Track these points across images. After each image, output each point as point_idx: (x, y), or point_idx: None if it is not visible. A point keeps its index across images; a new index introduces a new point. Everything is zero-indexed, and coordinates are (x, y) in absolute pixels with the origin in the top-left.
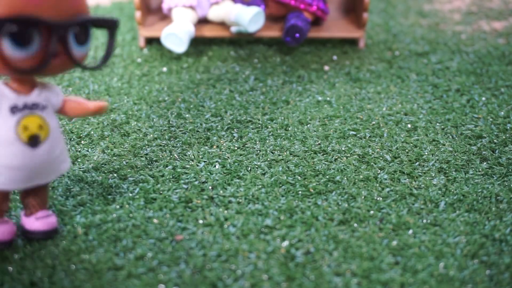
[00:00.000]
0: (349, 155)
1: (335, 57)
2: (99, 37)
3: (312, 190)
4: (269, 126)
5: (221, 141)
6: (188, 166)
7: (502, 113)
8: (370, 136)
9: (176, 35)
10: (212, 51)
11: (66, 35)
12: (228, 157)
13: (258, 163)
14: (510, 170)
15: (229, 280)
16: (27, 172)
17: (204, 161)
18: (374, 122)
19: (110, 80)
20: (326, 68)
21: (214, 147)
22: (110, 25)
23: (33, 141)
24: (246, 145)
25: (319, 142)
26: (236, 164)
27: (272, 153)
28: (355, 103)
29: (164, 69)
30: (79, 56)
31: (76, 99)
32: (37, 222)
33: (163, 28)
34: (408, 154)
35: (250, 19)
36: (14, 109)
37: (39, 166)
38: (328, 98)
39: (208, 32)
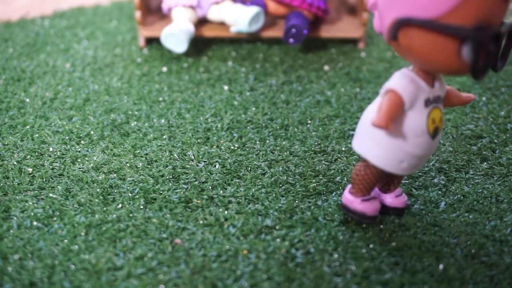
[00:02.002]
0: (349, 155)
1: (334, 56)
2: (99, 37)
3: (312, 191)
4: (269, 126)
5: (221, 141)
6: (188, 166)
7: (503, 113)
8: None
9: (176, 35)
10: (212, 51)
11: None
12: (228, 157)
13: (258, 163)
14: (510, 170)
15: (229, 281)
16: (424, 160)
17: (204, 161)
18: None
19: (110, 80)
20: (326, 68)
21: (214, 147)
22: None
23: (435, 132)
24: (246, 145)
25: (319, 142)
26: (236, 164)
27: (272, 153)
28: (355, 103)
29: (164, 69)
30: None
31: (452, 89)
32: (395, 199)
33: (163, 28)
34: None
35: (250, 19)
36: (427, 101)
37: (430, 154)
38: (328, 98)
39: (208, 32)
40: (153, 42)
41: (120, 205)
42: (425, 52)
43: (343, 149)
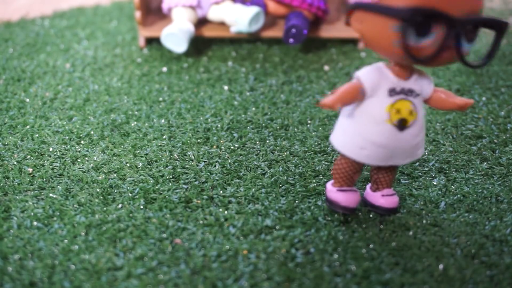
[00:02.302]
0: None
1: (334, 57)
2: (99, 37)
3: (312, 191)
4: (269, 126)
5: (221, 141)
6: (188, 166)
7: (503, 113)
8: None
9: (176, 35)
10: (212, 51)
11: (461, 32)
12: (228, 157)
13: (258, 163)
14: (510, 170)
15: (229, 281)
16: (389, 152)
17: (204, 161)
18: None
19: (110, 80)
20: (326, 68)
21: (214, 147)
22: (499, 27)
23: (401, 124)
24: (246, 145)
25: (319, 142)
26: (236, 164)
27: (272, 153)
28: None
29: (164, 69)
30: (465, 52)
31: (445, 91)
32: (382, 199)
33: (163, 28)
34: None
35: (250, 19)
36: (391, 91)
37: (400, 148)
38: None
39: (208, 32)
40: (153, 42)
41: (120, 205)
42: (370, 35)
43: None
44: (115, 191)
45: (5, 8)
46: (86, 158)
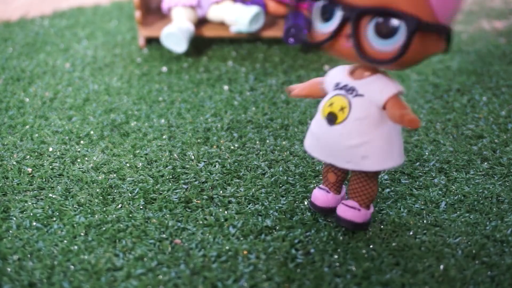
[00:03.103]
0: None
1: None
2: (99, 37)
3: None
4: (269, 126)
5: (221, 141)
6: (188, 166)
7: (503, 112)
8: None
9: (176, 35)
10: (212, 51)
11: (358, 21)
12: (228, 157)
13: (258, 163)
14: (511, 170)
15: (229, 281)
16: (322, 145)
17: (204, 161)
18: None
19: (110, 79)
20: (326, 68)
21: (214, 147)
22: (408, 23)
23: (329, 118)
24: (246, 145)
25: None
26: (236, 164)
27: (272, 153)
28: None
29: (164, 69)
30: (377, 49)
31: (401, 105)
32: (340, 206)
33: (163, 28)
34: (409, 154)
35: (250, 19)
36: (335, 86)
37: (331, 145)
38: None
39: (208, 32)
40: (153, 42)
41: (120, 205)
42: None
43: None
44: (115, 191)
45: (4, 8)
46: (86, 158)
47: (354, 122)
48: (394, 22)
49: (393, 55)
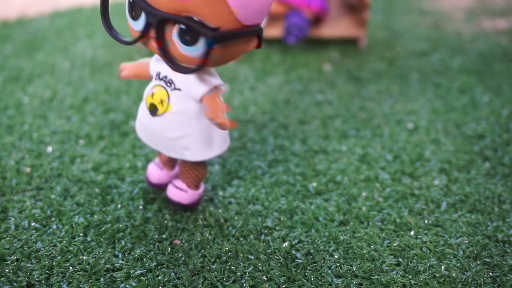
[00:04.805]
0: (350, 154)
1: (335, 56)
2: (98, 36)
3: (312, 191)
4: (269, 126)
5: None
6: None
7: (505, 112)
8: (371, 136)
9: None
10: None
11: (157, 25)
12: (228, 157)
13: (258, 163)
14: None
15: (228, 282)
16: (147, 132)
17: None
18: (375, 122)
19: (109, 79)
20: (327, 67)
21: None
22: (207, 35)
23: (151, 109)
24: (246, 145)
25: (320, 141)
26: (236, 164)
27: (272, 153)
28: (356, 102)
29: None
30: (183, 53)
31: (214, 103)
32: (170, 186)
33: None
34: (409, 154)
35: None
36: (156, 75)
37: (155, 135)
38: (328, 97)
39: None
40: None
41: (119, 206)
42: None
43: (344, 148)
44: (114, 191)
45: (3, 7)
46: (85, 158)
47: (173, 115)
48: (194, 32)
49: (198, 62)
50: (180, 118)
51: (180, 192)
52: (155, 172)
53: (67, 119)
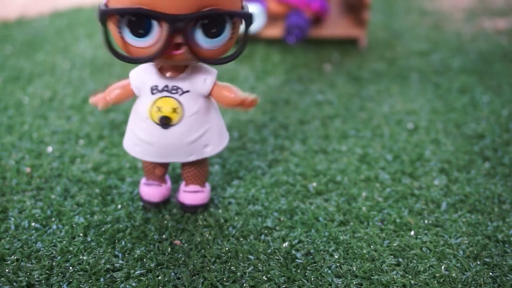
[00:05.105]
0: (350, 155)
1: (335, 56)
2: (98, 36)
3: (312, 191)
4: (269, 126)
5: None
6: None
7: (505, 112)
8: (371, 136)
9: None
10: None
11: (185, 28)
12: (228, 157)
13: (258, 163)
14: None
15: (228, 282)
16: (159, 149)
17: None
18: (375, 122)
19: (109, 79)
20: (327, 67)
21: None
22: (243, 17)
23: (164, 122)
24: (246, 145)
25: (320, 141)
26: (236, 164)
27: (272, 153)
28: (356, 102)
29: None
30: (208, 49)
31: (228, 88)
32: (184, 194)
33: None
34: (409, 154)
35: None
36: (154, 89)
37: (172, 146)
38: (328, 97)
39: None
40: None
41: (119, 206)
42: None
43: (344, 148)
44: (114, 191)
45: (3, 7)
46: (85, 158)
47: (190, 118)
48: (220, 21)
49: (223, 52)
50: (197, 118)
51: (199, 194)
52: (155, 191)
53: (67, 119)
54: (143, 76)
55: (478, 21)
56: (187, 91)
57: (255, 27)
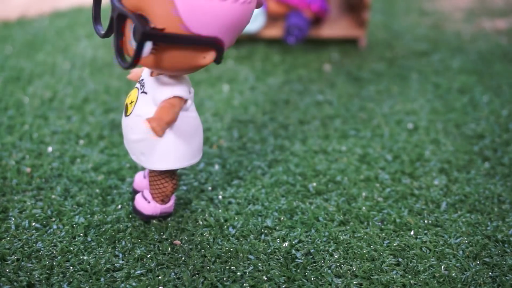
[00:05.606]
0: (350, 155)
1: (335, 56)
2: (97, 36)
3: (312, 191)
4: (269, 126)
5: (221, 141)
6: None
7: (505, 112)
8: (371, 136)
9: None
10: None
11: (119, 20)
12: (228, 157)
13: (258, 163)
14: None
15: (228, 282)
16: (123, 131)
17: (204, 161)
18: (375, 122)
19: (109, 79)
20: (327, 67)
21: (214, 147)
22: (139, 30)
23: (125, 109)
24: (246, 145)
25: (320, 141)
26: (236, 164)
27: (272, 153)
28: (356, 102)
29: None
30: (132, 48)
31: (163, 108)
32: (138, 195)
33: None
34: (409, 154)
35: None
36: (140, 78)
37: (124, 134)
38: (328, 98)
39: None
40: None
41: (119, 206)
42: None
43: (344, 148)
44: (115, 191)
45: (4, 7)
46: (85, 158)
47: (135, 117)
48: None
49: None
50: (140, 121)
51: (143, 201)
52: (137, 179)
53: (67, 119)
54: (142, 70)
55: (478, 21)
56: (145, 92)
57: (255, 27)
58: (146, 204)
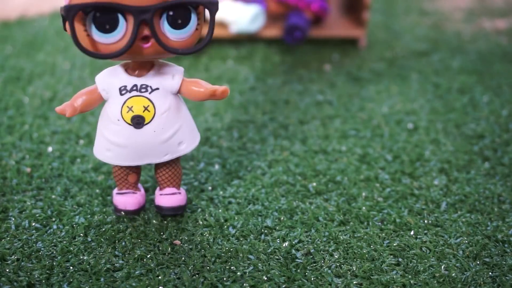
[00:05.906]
0: (350, 155)
1: (335, 56)
2: None
3: (312, 191)
4: (269, 126)
5: (221, 141)
6: (187, 166)
7: (505, 112)
8: (371, 136)
9: None
10: (212, 50)
11: (151, 20)
12: (228, 157)
13: (258, 163)
14: None
15: (228, 282)
16: (133, 151)
17: (204, 161)
18: (375, 122)
19: None
20: (327, 67)
21: (214, 147)
22: (208, 6)
23: (136, 121)
24: (246, 145)
25: (320, 141)
26: (236, 164)
27: (272, 153)
28: (355, 102)
29: None
30: (175, 40)
31: (197, 82)
32: (161, 198)
33: None
34: (409, 154)
35: (250, 18)
36: (122, 90)
37: (145, 145)
38: (328, 98)
39: None
40: None
41: None
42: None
43: (344, 148)
44: None
45: (4, 7)
46: (85, 159)
47: (163, 115)
48: (185, 11)
49: (191, 42)
50: (169, 115)
51: (176, 196)
52: (131, 199)
53: (67, 119)
54: (110, 78)
55: (478, 21)
56: (157, 89)
57: (255, 27)
58: (180, 196)
